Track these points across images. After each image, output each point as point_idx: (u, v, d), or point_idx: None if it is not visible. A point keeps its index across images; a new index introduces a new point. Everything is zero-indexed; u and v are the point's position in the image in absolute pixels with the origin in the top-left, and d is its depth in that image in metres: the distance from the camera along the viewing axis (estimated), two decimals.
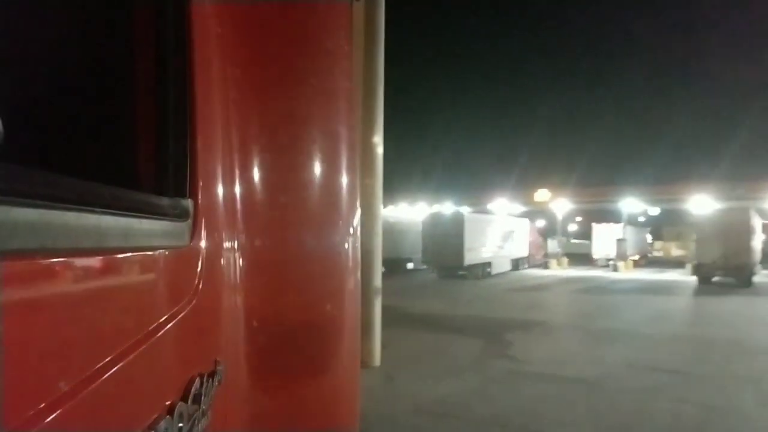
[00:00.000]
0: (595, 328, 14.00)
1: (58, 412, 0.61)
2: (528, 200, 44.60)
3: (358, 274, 1.61)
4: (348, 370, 1.54)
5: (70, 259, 0.68)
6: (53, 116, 0.96)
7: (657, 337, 12.58)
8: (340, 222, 1.55)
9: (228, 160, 1.30)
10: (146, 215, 0.91)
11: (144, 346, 0.85)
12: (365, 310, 2.31)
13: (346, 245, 1.55)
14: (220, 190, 1.26)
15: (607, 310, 17.87)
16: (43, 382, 0.62)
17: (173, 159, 1.10)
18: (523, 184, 45.13)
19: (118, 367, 0.76)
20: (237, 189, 1.32)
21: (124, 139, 1.09)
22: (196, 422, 0.97)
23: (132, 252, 0.86)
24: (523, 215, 43.14)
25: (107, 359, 0.74)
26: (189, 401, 0.95)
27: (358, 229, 1.62)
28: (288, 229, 1.44)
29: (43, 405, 0.60)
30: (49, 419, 0.60)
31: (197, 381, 1.00)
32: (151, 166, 1.09)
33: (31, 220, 0.59)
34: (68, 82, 1.01)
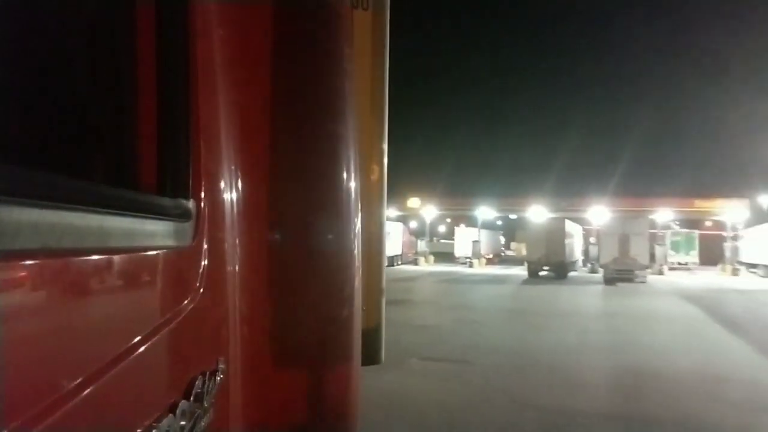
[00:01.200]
0: (443, 304, 20.77)
1: (61, 411, 0.61)
2: (402, 206, 51.75)
3: (360, 274, 1.62)
4: (349, 369, 1.54)
5: (73, 259, 0.68)
6: (55, 117, 0.95)
7: (478, 307, 19.52)
8: (342, 222, 1.54)
9: (229, 161, 1.30)
10: (148, 215, 0.91)
11: (146, 345, 0.85)
12: (371, 309, 2.52)
13: (348, 245, 1.55)
14: (221, 190, 1.26)
15: (454, 294, 24.92)
16: (46, 382, 0.62)
17: (175, 159, 1.10)
18: (398, 192, 52.04)
19: (120, 365, 0.76)
20: (239, 189, 1.33)
21: (125, 140, 1.08)
22: (198, 420, 0.98)
23: (134, 252, 0.86)
24: (398, 219, 50.38)
25: (110, 358, 0.74)
26: (191, 399, 0.96)
27: (360, 229, 1.62)
28: (289, 229, 1.45)
29: (45, 404, 0.60)
30: (52, 418, 0.59)
31: (199, 379, 1.00)
32: (152, 166, 1.08)
33: (34, 221, 0.59)
34: (69, 82, 1.00)
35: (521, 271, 39.48)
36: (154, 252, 0.94)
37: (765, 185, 45.12)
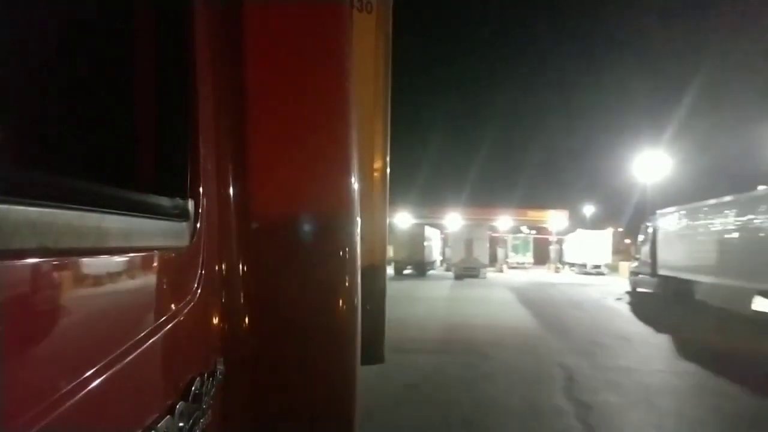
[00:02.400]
0: None
1: (58, 411, 0.61)
2: None
3: (359, 274, 1.59)
4: (349, 369, 1.53)
5: (71, 259, 0.68)
6: (54, 116, 0.94)
7: None
8: (341, 222, 1.52)
9: (228, 161, 1.30)
10: (146, 215, 0.90)
11: (144, 346, 0.85)
12: (371, 309, 2.42)
13: (347, 246, 1.53)
14: (220, 190, 1.26)
15: None
16: (44, 382, 0.61)
17: (173, 159, 1.09)
18: None
19: (118, 366, 0.75)
20: (237, 189, 1.32)
21: (124, 139, 1.07)
22: (196, 421, 0.98)
23: (132, 252, 0.85)
24: None
25: (107, 359, 0.74)
26: (189, 400, 0.96)
27: (359, 229, 1.59)
28: (288, 229, 1.43)
29: (43, 405, 0.59)
30: (49, 419, 0.59)
31: (198, 380, 1.00)
32: (151, 166, 1.08)
33: (32, 220, 0.58)
34: (68, 82, 0.98)
35: (389, 270, 45.72)
36: (152, 252, 0.93)
37: (581, 199, 55.60)
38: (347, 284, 1.52)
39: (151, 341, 0.88)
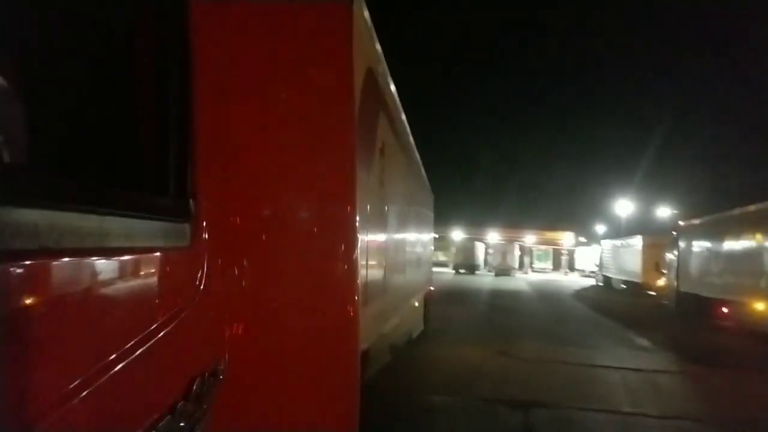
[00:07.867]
0: None
1: (61, 410, 0.61)
2: None
3: (359, 276, 1.58)
4: (347, 372, 1.53)
5: (73, 260, 0.68)
6: (55, 118, 0.93)
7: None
8: (341, 223, 1.51)
9: (228, 162, 1.30)
10: (148, 216, 0.91)
11: (146, 346, 0.85)
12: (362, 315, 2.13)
13: (347, 247, 1.51)
14: (221, 191, 1.26)
15: None
16: (47, 381, 0.61)
17: (175, 160, 1.10)
18: None
19: (120, 366, 0.75)
20: (238, 190, 1.33)
21: (126, 141, 1.07)
22: (197, 421, 0.98)
23: (134, 252, 0.85)
24: None
25: (109, 358, 0.74)
26: (190, 400, 0.96)
27: (359, 230, 1.57)
28: (288, 229, 1.43)
29: (46, 404, 0.60)
30: (52, 418, 0.59)
31: (198, 380, 1.00)
32: (152, 167, 1.07)
33: (34, 221, 0.59)
34: (70, 84, 0.98)
35: (447, 270, 66.55)
36: (153, 252, 0.93)
37: (593, 221, 75.57)
38: (348, 287, 1.51)
39: (152, 341, 0.89)
